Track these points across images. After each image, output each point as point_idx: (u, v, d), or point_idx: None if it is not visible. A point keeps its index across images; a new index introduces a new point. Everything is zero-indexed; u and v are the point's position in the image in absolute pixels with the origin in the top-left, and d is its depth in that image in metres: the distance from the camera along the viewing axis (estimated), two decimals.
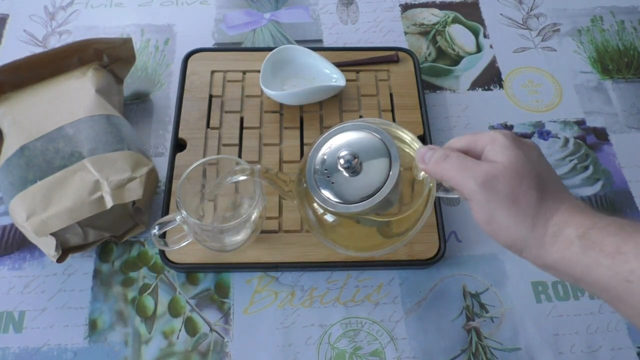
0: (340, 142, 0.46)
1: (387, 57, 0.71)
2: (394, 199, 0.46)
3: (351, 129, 0.46)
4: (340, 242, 0.49)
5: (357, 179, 0.44)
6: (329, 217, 0.48)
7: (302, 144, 0.65)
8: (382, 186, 0.43)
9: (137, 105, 0.70)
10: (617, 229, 0.32)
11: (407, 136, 0.47)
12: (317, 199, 0.45)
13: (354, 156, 0.44)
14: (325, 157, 0.46)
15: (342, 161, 0.44)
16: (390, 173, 0.44)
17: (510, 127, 0.70)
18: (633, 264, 0.30)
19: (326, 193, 0.45)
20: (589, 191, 0.65)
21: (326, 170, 0.45)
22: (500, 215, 0.36)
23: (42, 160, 0.55)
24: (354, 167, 0.44)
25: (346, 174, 0.44)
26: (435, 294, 0.58)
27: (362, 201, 0.43)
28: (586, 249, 0.32)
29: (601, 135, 0.70)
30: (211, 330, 0.56)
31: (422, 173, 0.43)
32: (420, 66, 0.73)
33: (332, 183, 0.45)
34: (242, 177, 0.49)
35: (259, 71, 0.66)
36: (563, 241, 0.34)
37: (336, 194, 0.44)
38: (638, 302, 0.30)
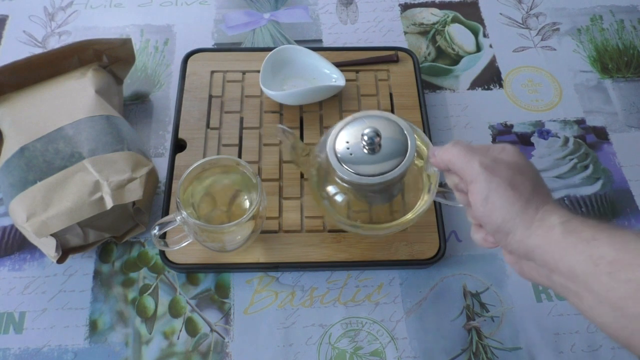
0: (363, 125, 0.48)
1: (387, 57, 0.71)
2: (398, 187, 0.50)
3: (374, 117, 0.49)
4: (351, 217, 0.52)
5: (374, 157, 0.47)
6: (339, 197, 0.51)
7: None
8: (396, 167, 0.46)
9: (137, 106, 0.70)
10: (595, 222, 0.36)
11: (421, 137, 0.51)
12: (336, 169, 0.47)
13: (377, 134, 0.46)
14: (348, 138, 0.48)
15: (365, 137, 0.46)
16: (406, 157, 0.47)
17: (510, 127, 0.70)
18: (604, 250, 0.34)
19: (345, 166, 0.47)
20: (589, 190, 0.65)
21: (348, 148, 0.48)
22: (497, 195, 0.39)
23: (42, 161, 0.55)
24: (374, 145, 0.46)
25: (365, 151, 0.47)
26: (435, 293, 0.58)
27: (376, 176, 0.46)
28: (566, 234, 0.36)
29: (601, 134, 0.70)
30: (211, 330, 0.56)
31: (432, 168, 0.47)
32: (420, 66, 0.73)
33: (351, 154, 0.47)
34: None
35: (258, 71, 0.66)
36: (547, 226, 0.37)
37: (355, 169, 0.47)
38: (600, 288, 0.33)
